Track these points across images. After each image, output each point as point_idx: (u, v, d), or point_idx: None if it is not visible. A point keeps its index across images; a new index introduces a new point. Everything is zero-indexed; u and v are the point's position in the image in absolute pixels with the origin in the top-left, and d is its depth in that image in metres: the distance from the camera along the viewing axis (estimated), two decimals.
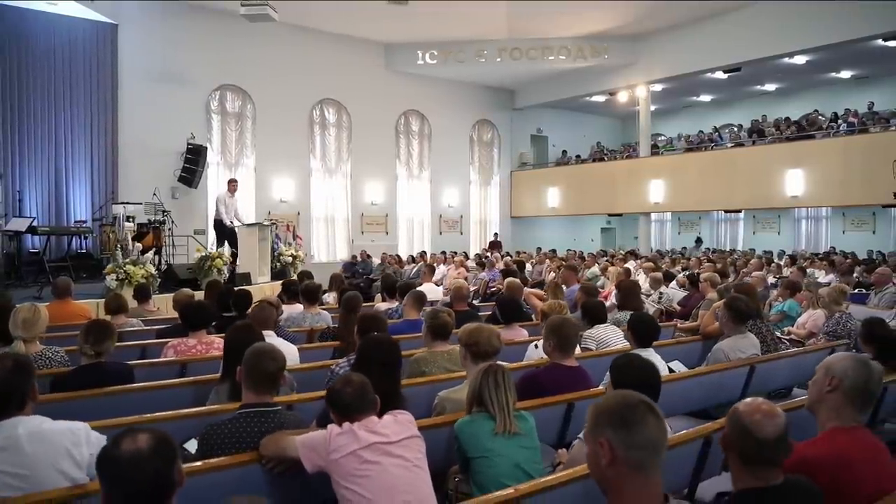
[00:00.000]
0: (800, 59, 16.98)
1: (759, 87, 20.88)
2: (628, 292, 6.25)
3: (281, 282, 9.07)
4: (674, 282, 11.10)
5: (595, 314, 5.37)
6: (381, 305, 7.52)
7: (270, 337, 4.45)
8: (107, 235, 11.94)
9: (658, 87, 19.86)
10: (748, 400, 2.15)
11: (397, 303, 7.00)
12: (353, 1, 15.38)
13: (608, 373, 3.02)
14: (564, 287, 7.48)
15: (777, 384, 5.01)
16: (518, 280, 7.11)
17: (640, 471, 1.72)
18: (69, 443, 2.43)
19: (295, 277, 9.56)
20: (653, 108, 21.89)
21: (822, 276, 12.20)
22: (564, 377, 3.66)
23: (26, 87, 13.82)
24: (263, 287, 10.92)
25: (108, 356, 3.78)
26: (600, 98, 21.68)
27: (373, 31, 18.25)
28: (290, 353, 4.51)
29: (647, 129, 19.89)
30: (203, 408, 3.30)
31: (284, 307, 6.91)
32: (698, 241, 21.34)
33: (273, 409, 2.74)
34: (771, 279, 11.36)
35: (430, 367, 4.07)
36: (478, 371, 2.97)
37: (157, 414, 3.21)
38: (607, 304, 6.59)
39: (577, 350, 5.05)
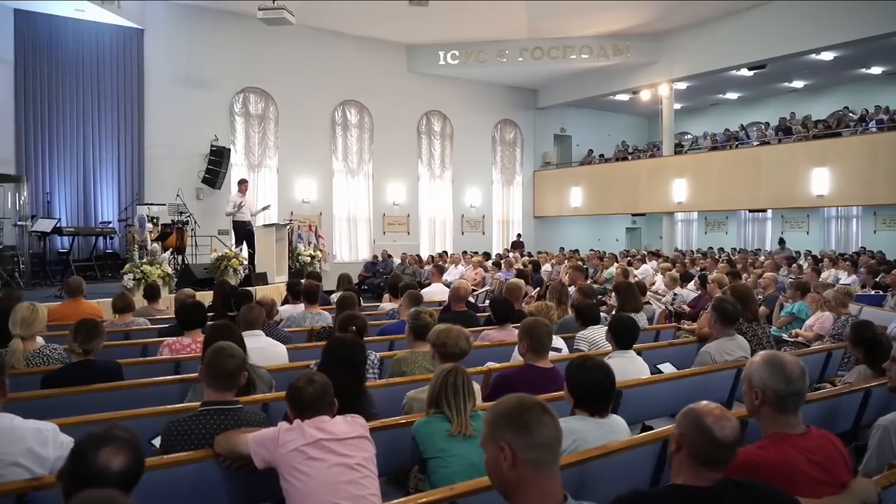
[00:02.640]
0: (827, 56, 16.62)
1: (786, 84, 20.50)
2: (626, 293, 6.22)
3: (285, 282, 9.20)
4: (691, 283, 10.99)
5: (588, 315, 5.37)
6: (386, 305, 7.61)
7: (258, 336, 4.57)
8: (131, 236, 12.23)
9: (683, 86, 19.62)
10: (702, 402, 2.16)
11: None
12: (374, 2, 15.50)
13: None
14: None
15: None
16: (520, 281, 7.12)
17: (540, 470, 1.77)
18: (35, 442, 2.51)
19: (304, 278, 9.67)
20: (678, 106, 21.70)
21: (844, 278, 11.97)
22: (538, 378, 3.69)
23: (56, 91, 14.27)
24: (280, 287, 11.08)
25: (97, 354, 3.91)
26: (624, 97, 21.49)
27: (394, 33, 18.37)
28: (279, 353, 4.62)
29: (671, 128, 19.66)
30: (168, 406, 3.39)
31: (289, 307, 7.07)
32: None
33: (233, 407, 2.82)
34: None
35: (411, 367, 4.13)
36: (437, 373, 3.02)
37: (127, 412, 3.31)
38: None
39: (565, 351, 5.11)
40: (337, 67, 18.01)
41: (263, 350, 4.51)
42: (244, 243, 11.84)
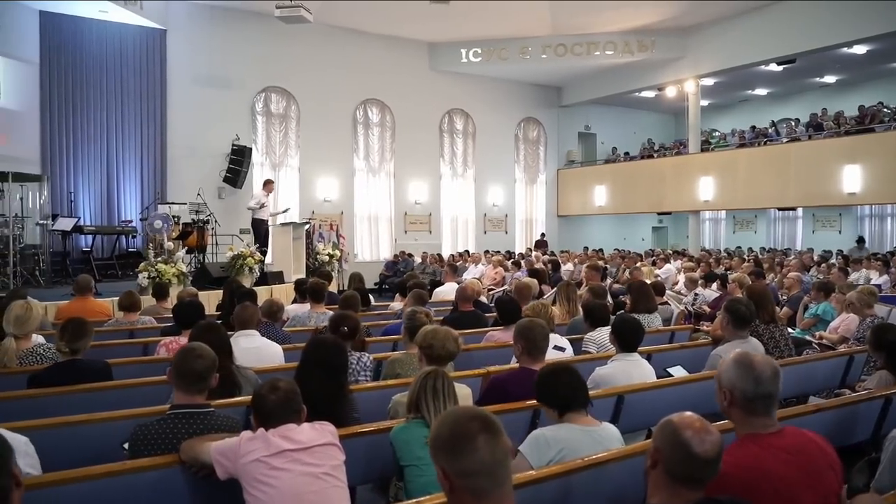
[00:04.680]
0: (860, 49, 16.11)
1: (817, 79, 19.95)
2: (639, 293, 6.03)
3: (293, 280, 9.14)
4: (715, 283, 10.69)
5: (597, 316, 5.20)
6: (396, 305, 7.50)
7: (253, 336, 4.49)
8: (152, 234, 12.32)
9: (710, 82, 19.21)
10: (682, 413, 2.00)
11: None
12: (396, 1, 15.42)
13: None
14: None
15: (784, 392, 4.69)
16: (531, 281, 6.94)
17: (480, 498, 1.61)
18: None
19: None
20: (706, 102, 21.25)
21: (875, 278, 11.59)
22: (533, 382, 3.53)
23: (80, 92, 14.44)
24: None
25: (85, 353, 3.85)
26: (650, 93, 21.12)
27: (416, 31, 18.28)
28: (274, 353, 4.52)
29: (697, 125, 19.25)
30: (138, 409, 3.29)
31: (295, 306, 7.00)
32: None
33: (203, 411, 2.70)
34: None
35: (406, 368, 4.00)
36: (418, 376, 2.88)
37: (94, 414, 3.23)
38: None
39: (569, 351, 4.93)
40: (358, 66, 17.97)
41: (258, 350, 4.43)
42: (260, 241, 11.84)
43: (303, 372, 3.02)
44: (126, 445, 2.77)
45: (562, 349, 4.72)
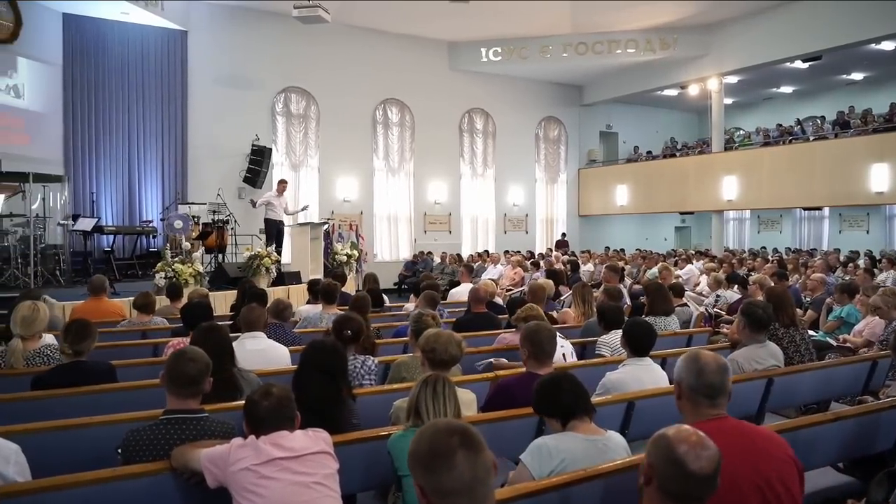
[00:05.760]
0: (888, 45, 15.76)
1: (844, 76, 19.55)
2: (656, 294, 5.89)
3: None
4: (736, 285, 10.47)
5: (611, 318, 5.09)
6: (410, 306, 7.42)
7: (259, 338, 4.44)
8: (172, 234, 12.40)
9: (733, 79, 18.90)
10: (678, 426, 1.90)
11: None
12: (415, 1, 15.37)
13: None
14: None
15: (803, 398, 4.58)
16: (546, 282, 6.84)
17: None
18: None
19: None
20: (730, 101, 20.96)
21: None
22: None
23: (102, 93, 14.60)
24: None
25: (89, 355, 3.83)
26: (672, 92, 20.85)
27: (435, 30, 18.22)
28: (280, 355, 4.47)
29: (720, 123, 18.94)
30: (138, 413, 3.24)
31: (308, 307, 6.96)
32: None
33: (196, 416, 2.64)
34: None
35: (412, 372, 3.93)
36: (418, 381, 2.80)
37: (93, 418, 3.20)
38: None
39: (568, 349, 4.82)
40: (378, 66, 17.95)
41: (264, 352, 4.38)
42: (274, 242, 11.83)
43: (300, 376, 2.96)
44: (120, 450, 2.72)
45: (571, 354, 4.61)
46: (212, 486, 2.35)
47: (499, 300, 8.08)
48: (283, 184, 12.66)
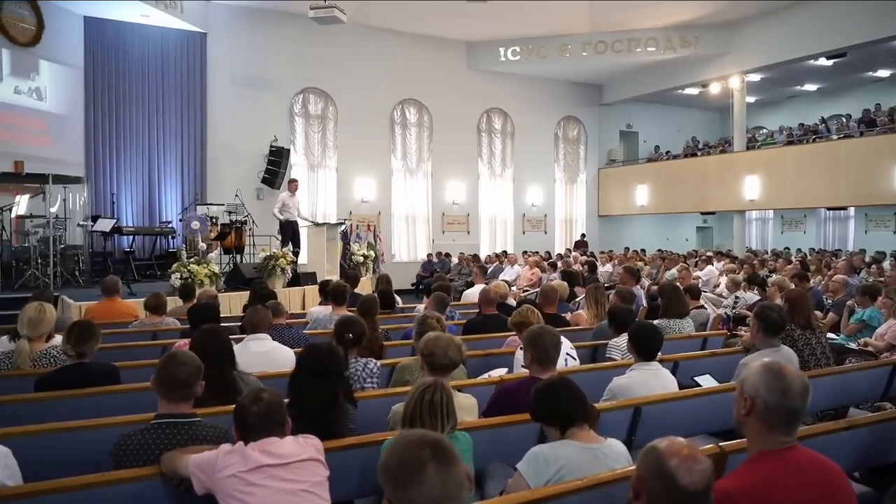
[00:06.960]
0: None
1: (870, 73, 19.15)
2: (670, 296, 5.78)
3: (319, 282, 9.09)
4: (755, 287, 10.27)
5: (621, 321, 4.98)
6: (421, 307, 7.37)
7: (264, 340, 4.41)
8: (189, 235, 12.47)
9: (756, 77, 18.61)
10: (670, 438, 1.82)
11: None
12: (432, 1, 15.33)
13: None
14: None
15: (820, 404, 4.45)
16: (560, 283, 6.75)
17: None
18: None
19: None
20: (752, 99, 20.66)
21: None
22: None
23: (123, 95, 14.73)
24: None
25: (92, 356, 3.83)
26: (693, 90, 20.59)
27: (453, 30, 18.17)
28: (285, 357, 4.44)
29: (742, 122, 18.65)
30: (136, 416, 3.21)
31: (319, 308, 6.94)
32: None
33: (187, 420, 2.61)
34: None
35: (415, 375, 3.86)
36: (415, 387, 2.75)
37: (92, 420, 3.18)
38: None
39: (573, 359, 4.74)
40: (396, 66, 17.95)
41: (268, 354, 4.35)
42: (290, 243, 11.83)
43: (296, 380, 2.92)
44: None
45: (574, 358, 4.53)
46: (199, 492, 2.31)
47: (511, 301, 7.99)
48: (294, 183, 12.63)
